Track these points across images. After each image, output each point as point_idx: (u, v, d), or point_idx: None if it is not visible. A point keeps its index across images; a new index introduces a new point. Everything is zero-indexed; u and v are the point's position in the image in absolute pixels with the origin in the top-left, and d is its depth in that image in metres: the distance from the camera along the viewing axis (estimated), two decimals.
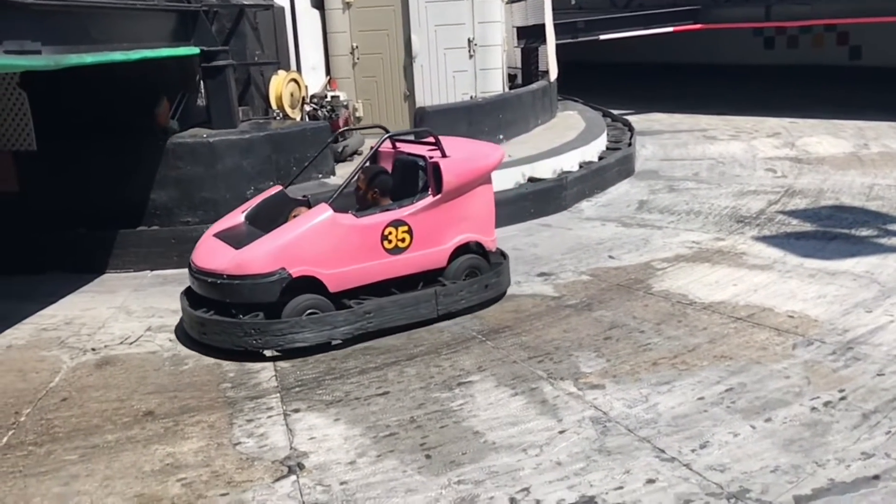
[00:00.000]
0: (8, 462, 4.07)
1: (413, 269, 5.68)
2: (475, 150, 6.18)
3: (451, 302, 5.67)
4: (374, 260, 5.51)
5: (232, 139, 8.05)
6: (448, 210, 5.75)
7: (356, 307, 5.37)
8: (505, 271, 6.09)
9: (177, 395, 4.75)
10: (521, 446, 3.91)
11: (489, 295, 5.90)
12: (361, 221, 5.49)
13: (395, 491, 3.59)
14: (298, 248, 5.32)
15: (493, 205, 6.11)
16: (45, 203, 7.73)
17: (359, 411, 4.40)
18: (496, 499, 3.48)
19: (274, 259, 5.25)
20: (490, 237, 6.08)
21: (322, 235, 5.38)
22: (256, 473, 3.82)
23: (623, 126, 12.54)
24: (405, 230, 5.58)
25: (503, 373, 4.76)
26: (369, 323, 5.38)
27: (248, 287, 5.25)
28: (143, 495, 3.69)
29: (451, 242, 5.80)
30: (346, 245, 5.42)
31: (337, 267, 5.39)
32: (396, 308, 5.48)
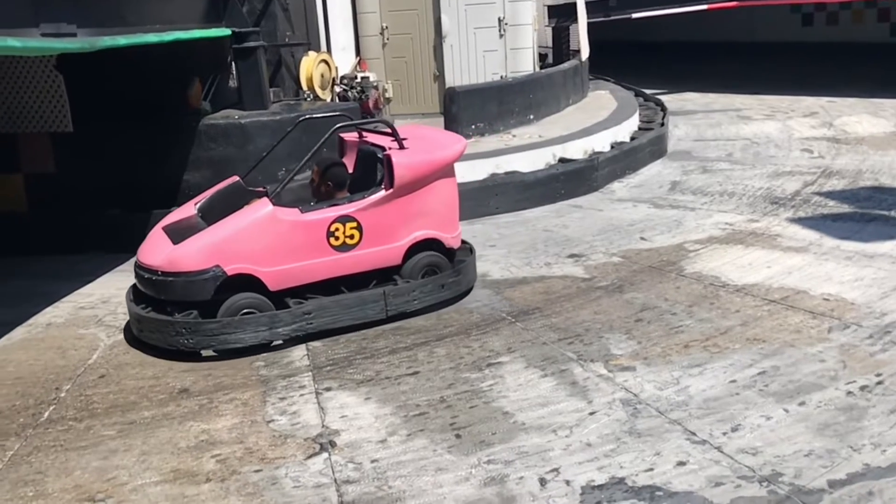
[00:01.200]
0: (50, 436, 4.18)
1: (363, 268, 5.39)
2: (435, 142, 5.82)
3: (403, 302, 5.37)
4: (320, 258, 5.22)
5: (263, 120, 8.10)
6: (403, 205, 5.42)
7: (294, 307, 5.13)
8: (468, 269, 5.76)
9: (211, 373, 4.83)
10: (550, 427, 3.92)
11: (447, 295, 5.57)
12: (305, 217, 5.19)
13: (426, 469, 3.63)
14: (234, 245, 5.08)
15: (455, 199, 5.76)
16: (80, 184, 7.85)
17: (389, 390, 4.44)
18: (526, 479, 3.50)
19: (207, 256, 5.03)
20: (451, 234, 5.72)
21: (260, 232, 5.09)
22: (289, 450, 3.88)
23: (655, 106, 12.37)
24: (353, 226, 5.28)
25: (533, 354, 4.76)
26: (309, 324, 5.13)
27: (182, 284, 5.04)
28: (178, 470, 3.77)
29: (407, 239, 5.48)
30: (287, 242, 5.15)
31: (277, 265, 5.14)
32: (340, 308, 5.21)
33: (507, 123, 10.09)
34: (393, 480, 3.55)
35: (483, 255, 6.74)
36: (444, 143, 5.81)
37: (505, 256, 6.66)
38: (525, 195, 8.15)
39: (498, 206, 8.00)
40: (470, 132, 9.69)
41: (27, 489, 3.69)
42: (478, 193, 7.98)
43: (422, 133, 6.03)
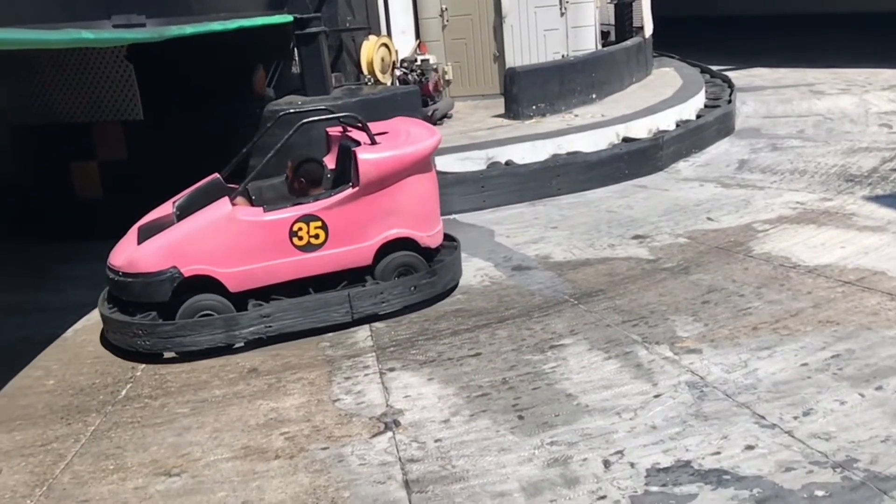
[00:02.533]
0: (127, 413, 4.36)
1: (330, 268, 5.23)
2: (409, 137, 5.52)
3: (370, 305, 5.20)
4: (283, 258, 5.09)
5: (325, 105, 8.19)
6: (372, 203, 5.22)
7: (252, 310, 5.04)
8: (446, 269, 5.53)
9: (279, 353, 4.95)
10: (614, 409, 3.89)
11: (418, 297, 5.35)
12: (266, 217, 5.07)
13: (489, 450, 3.65)
14: (192, 246, 5.00)
15: (432, 196, 5.54)
16: (150, 170, 8.10)
17: (451, 371, 4.47)
18: (589, 461, 3.48)
19: (164, 257, 4.97)
20: (427, 232, 5.47)
21: (219, 232, 5.00)
22: (355, 429, 3.95)
23: (722, 82, 12.02)
24: (318, 226, 5.12)
25: (596, 336, 4.72)
26: (268, 327, 5.04)
27: (140, 285, 4.99)
28: (249, 447, 3.89)
29: (377, 239, 5.30)
30: (248, 242, 5.03)
31: (238, 265, 5.03)
32: (301, 311, 5.09)
33: (569, 103, 9.96)
34: (456, 460, 3.59)
35: (545, 237, 6.70)
36: (417, 138, 5.49)
37: (567, 238, 6.60)
38: (588, 176, 8.04)
39: (560, 187, 7.93)
40: (531, 112, 9.62)
41: (108, 462, 3.87)
42: (539, 174, 7.92)
43: (402, 127, 5.74)
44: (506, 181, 7.85)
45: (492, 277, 5.87)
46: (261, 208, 5.18)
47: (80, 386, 4.75)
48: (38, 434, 4.22)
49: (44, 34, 4.48)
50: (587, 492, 3.26)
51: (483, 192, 7.74)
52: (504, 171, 7.98)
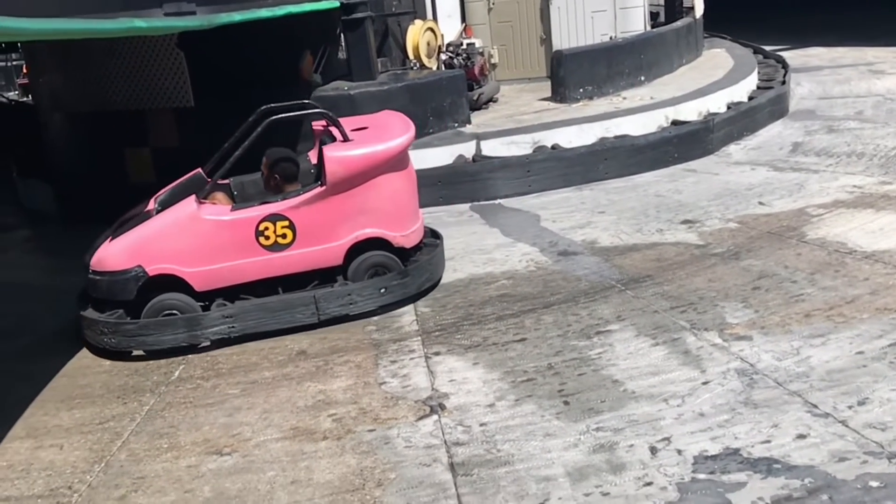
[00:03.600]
0: (180, 393, 4.49)
1: (299, 268, 5.14)
2: (383, 133, 5.38)
3: (337, 306, 5.10)
4: (249, 258, 5.02)
5: (371, 91, 8.24)
6: (341, 202, 5.11)
7: (215, 311, 5.01)
8: (420, 271, 5.40)
9: (326, 337, 5.02)
10: (661, 396, 3.85)
11: (389, 299, 5.23)
12: (231, 216, 5.00)
13: (534, 434, 3.65)
14: (157, 245, 4.97)
15: (406, 195, 5.39)
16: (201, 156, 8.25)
17: (497, 356, 4.47)
18: (636, 447, 3.46)
19: (129, 256, 4.95)
20: (401, 232, 5.32)
21: (184, 231, 4.95)
22: (400, 412, 4.00)
23: (776, 63, 11.69)
24: (285, 225, 5.03)
25: (643, 322, 4.67)
26: (232, 328, 4.99)
27: (106, 284, 5.01)
28: (297, 428, 3.96)
29: (347, 239, 5.18)
30: (213, 241, 4.97)
31: (204, 265, 4.98)
32: (265, 312, 5.03)
33: (617, 86, 9.81)
34: (501, 444, 3.60)
35: (591, 221, 6.64)
36: (389, 136, 5.33)
37: (615, 223, 6.53)
38: (636, 159, 7.93)
39: (607, 171, 7.83)
40: (578, 96, 9.51)
41: (162, 441, 3.99)
42: (587, 158, 7.84)
43: (383, 122, 5.63)
44: (552, 165, 7.79)
45: (537, 262, 5.84)
46: (228, 207, 5.13)
47: (134, 367, 4.89)
48: (96, 412, 4.37)
49: (98, 23, 4.59)
50: (633, 478, 3.25)
51: (529, 177, 7.69)
52: (550, 155, 7.92)
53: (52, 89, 9.34)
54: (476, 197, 7.63)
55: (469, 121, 8.82)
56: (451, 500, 3.24)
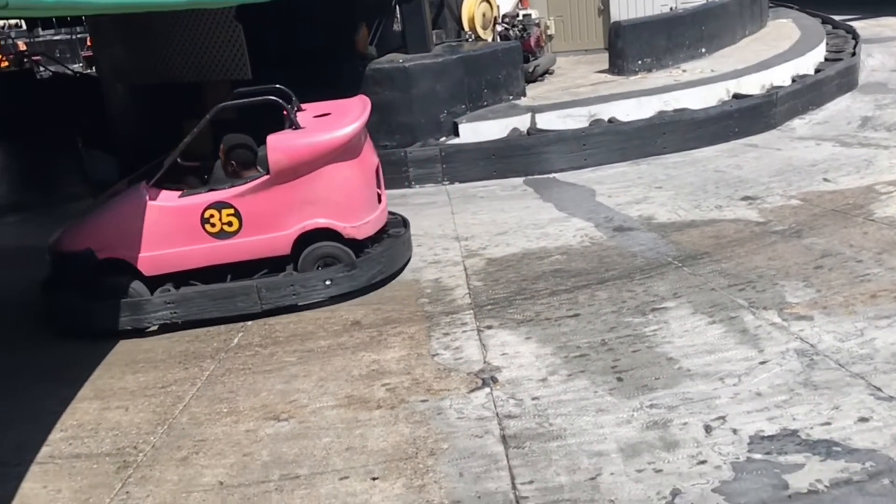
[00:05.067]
0: (239, 360, 4.61)
1: (246, 256, 5.12)
2: (335, 122, 5.26)
3: (279, 297, 5.08)
4: (196, 244, 5.02)
5: (426, 63, 8.21)
6: (287, 192, 5.04)
7: (157, 296, 5.05)
8: (372, 263, 5.31)
9: (380, 308, 5.08)
10: (717, 375, 3.79)
11: (335, 291, 5.15)
12: (177, 203, 5.03)
13: (586, 410, 3.64)
14: (107, 230, 5.06)
15: (356, 185, 5.25)
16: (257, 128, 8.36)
17: (549, 331, 4.47)
18: (690, 425, 3.43)
19: (82, 239, 5.06)
20: (351, 223, 5.22)
21: (132, 216, 5.01)
22: (453, 384, 4.03)
23: (846, 33, 11.24)
24: (230, 213, 5.01)
25: (700, 300, 4.60)
26: (174, 314, 5.03)
27: (61, 267, 5.18)
28: (352, 396, 4.04)
29: (294, 228, 5.12)
30: (159, 227, 5.00)
31: (151, 250, 5.03)
32: (207, 300, 5.04)
33: (677, 58, 9.58)
34: (553, 418, 3.61)
35: (648, 197, 6.54)
36: (338, 124, 5.23)
37: (672, 199, 6.41)
38: (695, 134, 7.75)
39: (665, 145, 7.68)
40: (636, 68, 9.32)
41: (222, 406, 4.11)
42: (644, 132, 7.70)
43: (347, 109, 5.49)
44: (608, 139, 7.67)
45: (592, 238, 5.79)
46: (177, 193, 5.13)
47: (195, 333, 5.04)
48: (159, 377, 4.52)
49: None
50: (687, 456, 3.22)
51: (584, 151, 7.60)
52: (607, 129, 7.80)
53: (114, 62, 9.57)
54: (530, 171, 7.58)
55: (524, 93, 8.73)
56: (503, 472, 3.27)
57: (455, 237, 6.21)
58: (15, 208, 8.70)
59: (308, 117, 5.37)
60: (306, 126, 5.19)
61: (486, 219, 6.57)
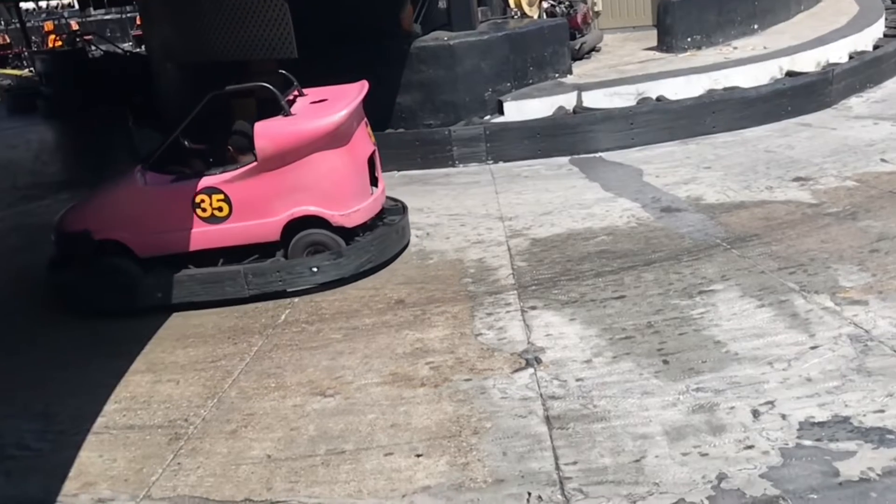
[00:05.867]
0: (286, 336, 4.68)
1: (237, 241, 5.17)
2: (325, 110, 5.24)
3: (265, 283, 5.13)
4: (188, 228, 5.09)
5: (471, 41, 8.16)
6: (275, 179, 5.07)
7: (147, 278, 5.17)
8: (359, 252, 5.29)
9: (424, 287, 5.10)
10: (766, 359, 3.73)
11: (321, 279, 5.17)
12: (169, 187, 5.10)
13: (631, 392, 3.62)
14: (103, 211, 5.22)
15: (345, 173, 5.23)
16: None
17: (594, 313, 4.44)
18: (737, 409, 3.38)
19: (81, 220, 5.23)
20: (340, 211, 5.20)
21: (124, 199, 5.15)
22: (496, 363, 4.04)
23: None
24: (220, 199, 5.07)
25: (749, 283, 4.52)
26: (161, 296, 5.14)
27: (61, 245, 5.38)
28: (396, 374, 4.08)
29: (283, 215, 5.15)
30: (153, 211, 5.12)
31: (144, 232, 5.15)
32: (195, 283, 5.13)
33: (728, 34, 9.36)
34: (598, 400, 3.59)
35: (697, 177, 6.42)
36: (325, 112, 5.22)
37: (721, 179, 6.29)
38: (745, 113, 7.57)
39: (714, 124, 7.52)
40: (685, 45, 9.13)
41: (269, 381, 4.19)
42: (692, 111, 7.55)
43: (342, 95, 5.45)
44: (656, 118, 7.54)
45: (639, 219, 5.72)
46: (170, 178, 5.20)
47: (244, 309, 5.13)
48: (209, 351, 4.62)
49: None
50: (733, 440, 3.19)
51: (632, 130, 7.48)
52: (655, 108, 7.67)
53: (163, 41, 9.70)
54: (576, 150, 7.50)
55: (570, 71, 8.63)
56: (547, 452, 3.27)
57: (499, 217, 6.20)
58: (68, 185, 8.91)
59: (304, 104, 5.39)
60: (298, 113, 5.21)
61: (530, 198, 6.53)
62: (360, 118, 5.43)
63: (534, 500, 3.02)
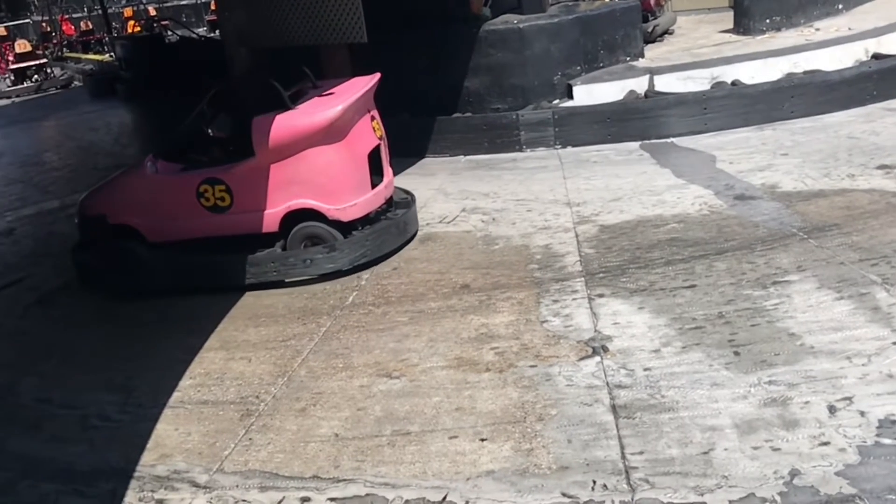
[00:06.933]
0: (353, 317, 4.76)
1: (238, 231, 5.30)
2: (320, 104, 5.29)
3: (262, 273, 5.28)
4: (193, 216, 5.27)
5: (541, 24, 8.07)
6: (273, 171, 5.18)
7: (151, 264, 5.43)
8: (354, 246, 5.32)
9: (489, 272, 5.10)
10: (844, 354, 3.60)
11: (315, 271, 5.26)
12: (174, 176, 5.29)
13: (700, 383, 3.55)
14: (118, 197, 5.52)
15: (341, 167, 5.27)
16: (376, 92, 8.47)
17: (664, 302, 4.36)
18: (812, 404, 3.28)
19: (97, 205, 5.55)
20: (336, 205, 5.26)
21: (137, 187, 5.39)
22: (562, 351, 4.02)
23: None
24: (222, 189, 5.23)
25: (827, 274, 4.36)
26: (166, 280, 5.41)
27: (81, 228, 5.71)
28: (461, 358, 4.10)
29: (281, 207, 5.27)
30: (160, 199, 5.37)
31: (154, 219, 5.41)
32: (196, 270, 5.39)
33: (810, 15, 8.99)
34: (666, 390, 3.54)
35: (773, 164, 6.22)
36: (322, 107, 5.27)
37: (799, 166, 6.08)
38: (827, 97, 7.28)
39: (793, 109, 7.26)
40: (764, 27, 8.82)
41: (337, 361, 4.27)
42: (770, 96, 7.30)
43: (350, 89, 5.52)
44: (731, 102, 7.33)
45: (711, 206, 5.58)
46: (179, 167, 5.40)
47: (313, 291, 5.24)
48: (279, 331, 4.74)
49: None
50: (808, 436, 3.09)
51: (705, 115, 7.29)
52: (730, 92, 7.44)
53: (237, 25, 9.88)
54: (647, 135, 7.35)
55: (642, 54, 8.45)
56: (613, 441, 3.25)
57: (566, 203, 6.14)
58: None
59: (311, 97, 5.48)
60: (299, 107, 5.30)
61: (599, 184, 6.45)
62: (362, 112, 5.50)
63: (598, 488, 3.01)
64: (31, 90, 20.47)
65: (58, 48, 27.82)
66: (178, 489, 3.40)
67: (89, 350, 4.88)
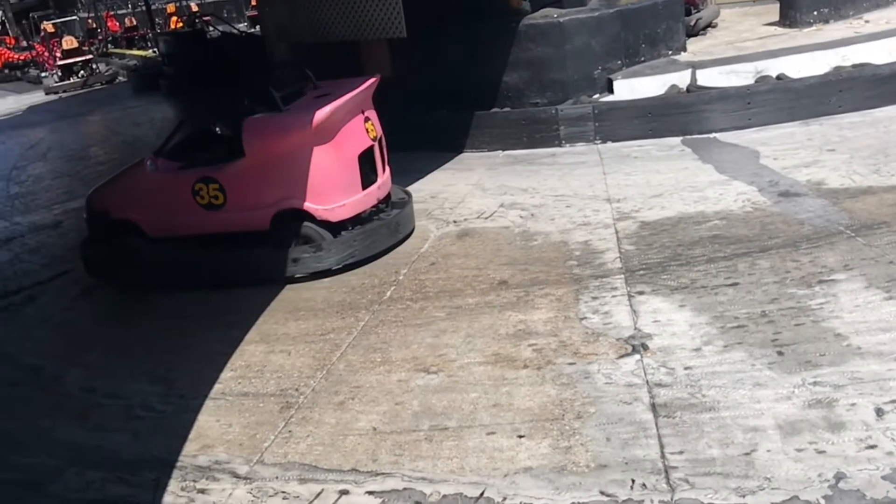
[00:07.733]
0: (391, 312, 4.78)
1: (232, 228, 5.40)
2: (309, 106, 5.30)
3: (247, 271, 5.43)
4: (189, 214, 5.37)
5: (581, 18, 8.00)
6: (263, 171, 5.25)
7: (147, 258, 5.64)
8: (340, 246, 5.36)
9: (527, 268, 5.08)
10: (892, 355, 3.51)
11: (301, 270, 5.35)
12: (170, 175, 5.38)
13: (742, 383, 3.50)
14: (120, 194, 5.71)
15: (330, 168, 5.27)
16: (413, 86, 8.50)
17: (705, 300, 4.30)
18: (858, 406, 3.21)
19: (103, 200, 5.76)
20: (325, 205, 5.29)
21: (137, 183, 5.51)
22: (601, 348, 3.99)
23: None
24: (216, 187, 5.31)
25: (876, 273, 4.25)
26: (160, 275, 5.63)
27: (87, 223, 5.95)
28: (499, 354, 4.09)
29: (271, 206, 5.35)
30: (158, 195, 5.52)
31: (153, 215, 5.59)
32: (190, 266, 5.58)
33: (859, 7, 8.77)
34: (707, 389, 3.49)
35: (819, 160, 6.08)
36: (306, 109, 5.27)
37: (846, 162, 5.93)
38: (877, 91, 7.08)
39: (841, 103, 7.08)
40: (811, 19, 8.62)
41: (375, 355, 4.30)
42: (816, 90, 7.14)
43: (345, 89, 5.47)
44: (776, 97, 7.17)
45: (754, 203, 5.47)
46: (178, 165, 5.50)
47: (351, 285, 5.27)
48: (318, 325, 4.78)
49: None
50: (854, 438, 3.03)
51: (749, 109, 7.15)
52: (775, 86, 7.29)
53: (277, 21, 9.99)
54: (689, 130, 7.24)
55: (684, 48, 8.33)
56: (652, 440, 3.22)
57: (606, 199, 6.08)
58: None
59: (307, 99, 5.56)
60: (291, 109, 5.38)
61: (639, 180, 6.37)
62: (355, 113, 5.50)
63: (637, 487, 2.98)
64: (77, 86, 20.97)
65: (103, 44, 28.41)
66: (220, 479, 3.45)
67: (132, 341, 4.99)
